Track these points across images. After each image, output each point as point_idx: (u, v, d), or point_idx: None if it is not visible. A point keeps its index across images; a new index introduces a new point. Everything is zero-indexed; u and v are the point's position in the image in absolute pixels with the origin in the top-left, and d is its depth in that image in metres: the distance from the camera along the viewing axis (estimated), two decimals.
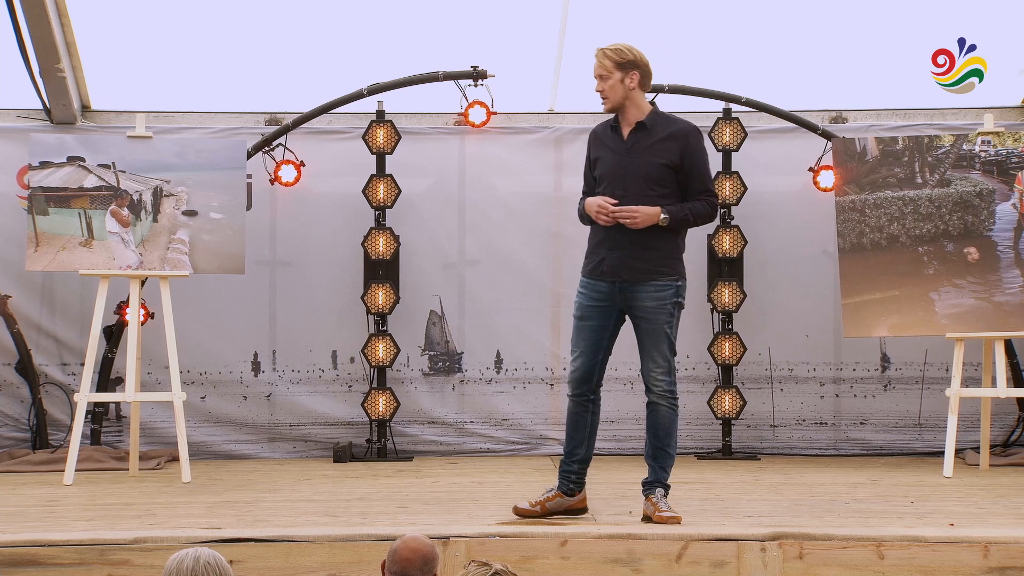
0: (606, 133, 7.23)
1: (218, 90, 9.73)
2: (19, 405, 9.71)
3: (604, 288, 7.11)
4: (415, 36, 9.63)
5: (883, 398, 10.00)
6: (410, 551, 4.74)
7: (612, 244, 7.06)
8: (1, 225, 9.61)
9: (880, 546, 6.56)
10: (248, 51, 9.61)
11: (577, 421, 7.25)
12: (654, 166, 7.06)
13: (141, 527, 6.94)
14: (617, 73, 7.08)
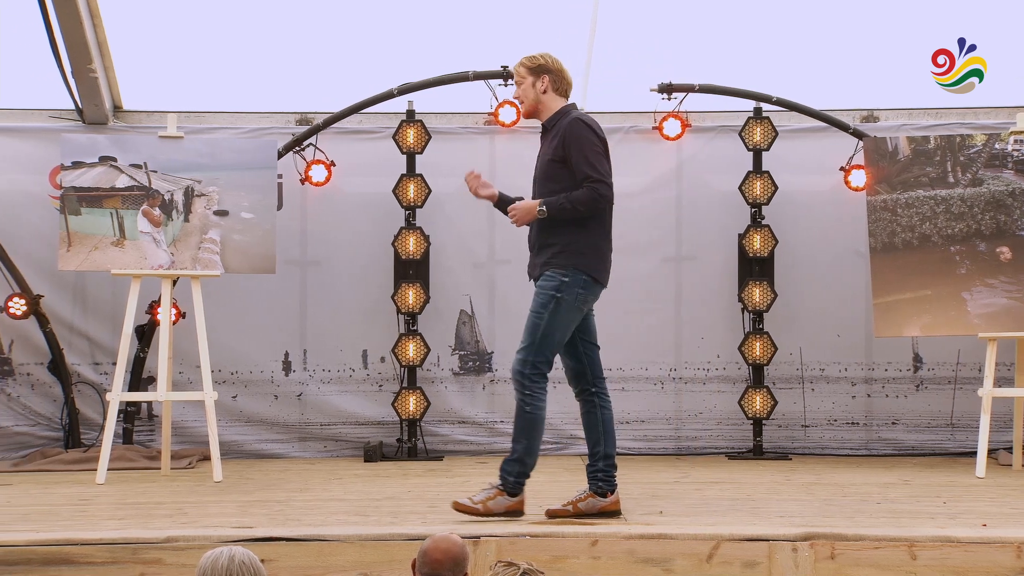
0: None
1: (249, 90, 9.76)
2: (52, 404, 9.75)
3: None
4: (445, 36, 9.64)
5: (915, 398, 9.96)
6: (441, 552, 4.74)
7: (529, 244, 7.30)
8: (34, 225, 9.65)
9: (912, 546, 6.53)
10: (279, 51, 9.64)
11: (585, 421, 7.37)
12: (547, 163, 7.24)
13: (173, 526, 6.96)
14: (529, 78, 7.29)
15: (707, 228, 9.99)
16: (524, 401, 7.23)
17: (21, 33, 9.39)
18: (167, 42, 9.62)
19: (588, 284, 7.17)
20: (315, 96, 9.79)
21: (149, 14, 9.55)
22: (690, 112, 9.81)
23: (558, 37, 9.68)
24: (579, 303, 7.19)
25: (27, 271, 9.54)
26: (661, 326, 10.00)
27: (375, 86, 9.62)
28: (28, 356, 9.73)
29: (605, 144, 7.21)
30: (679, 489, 8.32)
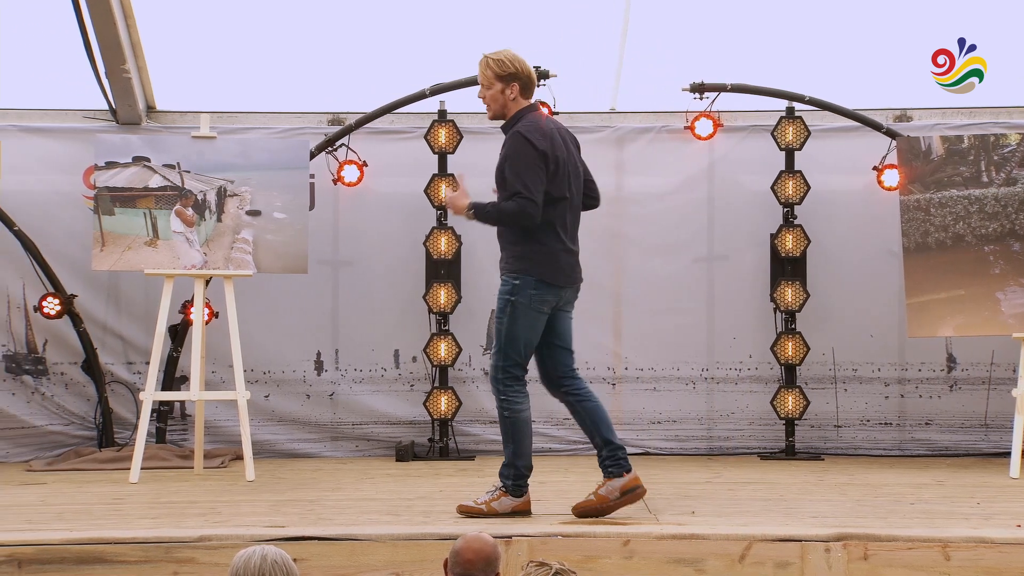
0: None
1: (281, 91, 9.79)
2: (85, 403, 9.80)
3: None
4: (478, 36, 9.61)
5: (949, 398, 9.92)
6: (473, 552, 4.74)
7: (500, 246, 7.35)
8: (67, 225, 9.70)
9: (946, 547, 6.51)
10: (311, 52, 9.66)
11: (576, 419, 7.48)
12: (498, 171, 7.27)
13: (206, 525, 6.99)
14: (498, 84, 7.26)
15: (739, 228, 9.97)
16: (502, 406, 7.34)
17: (55, 34, 9.44)
18: (200, 42, 9.65)
19: (540, 286, 7.22)
20: (347, 96, 9.81)
21: (182, 14, 9.59)
22: (722, 112, 9.79)
23: (590, 37, 9.70)
24: (535, 304, 7.24)
25: (61, 271, 9.59)
26: (693, 326, 9.98)
27: (407, 86, 9.63)
28: (62, 356, 9.78)
29: (546, 156, 7.15)
30: (711, 489, 8.30)
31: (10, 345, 9.71)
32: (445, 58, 9.64)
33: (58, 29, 9.39)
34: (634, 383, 9.98)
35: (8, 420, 9.69)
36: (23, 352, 9.73)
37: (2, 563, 6.43)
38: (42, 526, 7.05)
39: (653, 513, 7.33)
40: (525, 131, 7.16)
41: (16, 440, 9.69)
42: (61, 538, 6.63)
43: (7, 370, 9.72)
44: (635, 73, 9.90)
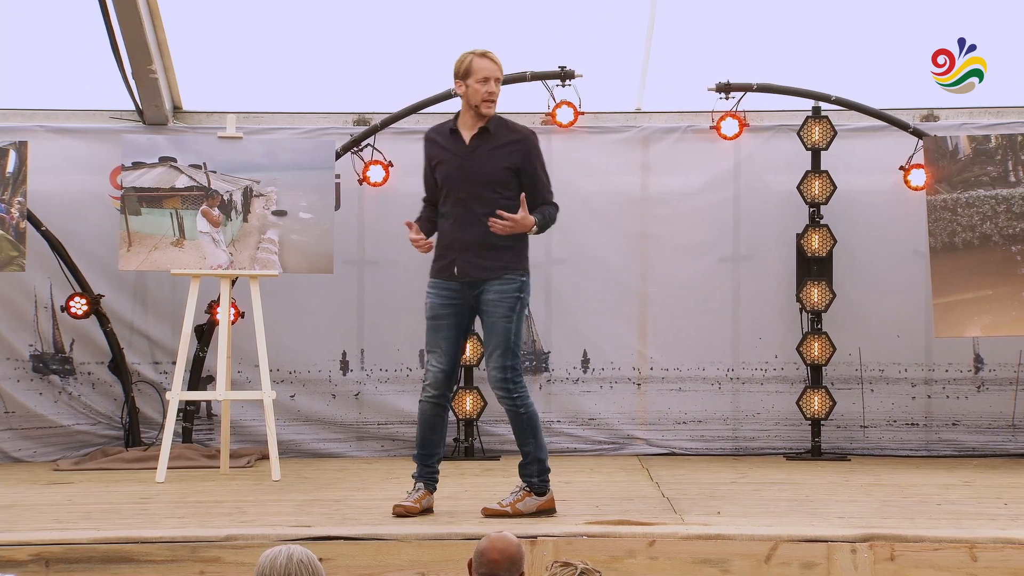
0: (444, 136, 7.40)
1: (307, 91, 9.80)
2: (112, 403, 9.83)
3: (455, 287, 7.29)
4: (503, 36, 9.61)
5: (976, 399, 9.88)
6: (497, 551, 4.74)
7: (460, 245, 7.27)
8: (94, 225, 9.73)
9: (973, 548, 6.49)
10: (337, 52, 9.68)
11: (436, 423, 7.40)
12: (498, 169, 7.24)
13: (232, 524, 7.01)
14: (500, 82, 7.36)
15: (765, 228, 9.95)
16: (517, 405, 7.33)
17: (82, 35, 9.47)
18: (226, 43, 9.67)
19: (529, 287, 7.40)
20: (373, 96, 9.82)
21: (208, 15, 9.61)
22: (748, 111, 9.77)
23: (616, 36, 9.69)
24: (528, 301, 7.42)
25: (88, 271, 9.62)
26: (718, 326, 9.96)
27: (433, 86, 9.63)
28: (89, 355, 9.81)
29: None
30: (737, 490, 8.29)
31: (37, 345, 9.75)
32: None
33: (85, 30, 9.42)
34: (659, 383, 9.97)
35: (35, 420, 9.73)
36: (50, 352, 9.77)
37: (30, 562, 6.46)
38: (69, 525, 7.08)
39: (679, 513, 7.32)
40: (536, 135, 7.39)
41: (43, 440, 9.73)
42: (88, 537, 6.66)
43: (34, 370, 9.76)
44: (661, 73, 9.89)
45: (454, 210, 7.30)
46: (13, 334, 9.71)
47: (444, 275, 7.33)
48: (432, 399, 7.37)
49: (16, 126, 9.67)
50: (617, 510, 7.34)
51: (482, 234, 7.22)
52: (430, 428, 7.39)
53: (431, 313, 7.37)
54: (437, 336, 7.34)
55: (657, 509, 7.49)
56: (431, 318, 7.37)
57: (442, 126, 7.49)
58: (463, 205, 7.27)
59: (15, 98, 9.76)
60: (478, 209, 7.23)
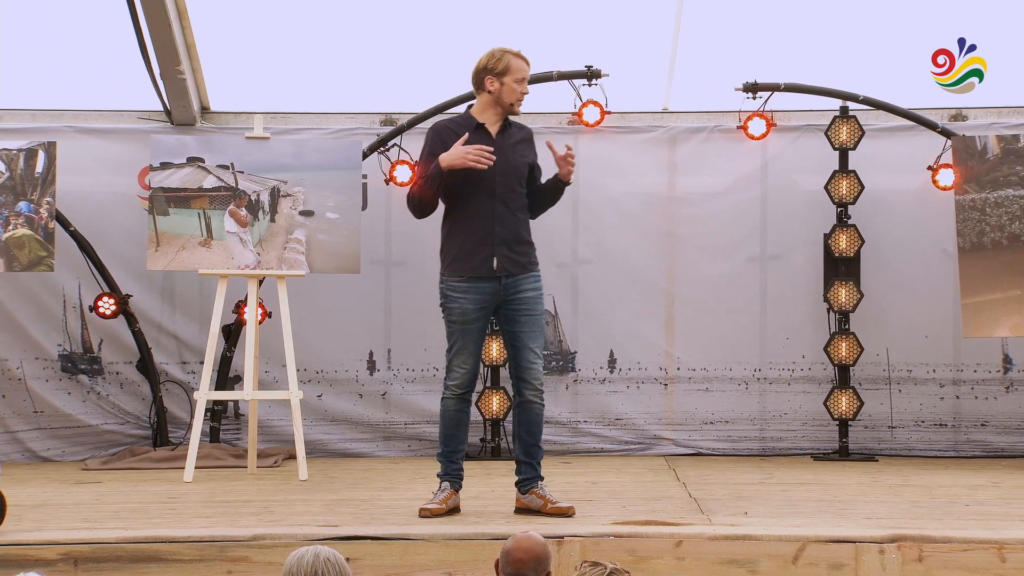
0: (468, 130, 7.31)
1: (334, 91, 9.82)
2: (140, 403, 9.87)
3: (488, 288, 7.24)
4: (530, 36, 9.59)
5: (1005, 400, 9.84)
6: (523, 551, 4.75)
7: (498, 240, 7.23)
8: (122, 225, 9.77)
9: (1001, 549, 6.46)
10: (363, 52, 9.69)
11: (460, 419, 7.38)
12: (523, 164, 7.34)
13: (260, 524, 7.02)
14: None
15: (792, 228, 9.93)
16: (543, 400, 7.44)
17: (111, 35, 9.50)
18: (254, 44, 9.69)
19: None
20: (399, 97, 9.83)
21: (236, 16, 9.64)
22: (775, 111, 9.75)
23: (642, 36, 9.68)
24: None
25: (116, 271, 9.66)
26: (745, 326, 9.94)
27: (459, 86, 9.61)
28: (117, 355, 9.85)
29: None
30: (764, 490, 8.27)
31: (66, 345, 9.79)
32: None
33: (113, 31, 9.45)
34: (686, 383, 9.96)
35: (64, 419, 9.77)
36: (79, 352, 9.81)
37: (59, 561, 6.49)
38: (98, 525, 7.11)
39: (706, 514, 7.31)
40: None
41: (72, 439, 9.77)
42: (117, 536, 6.69)
43: (63, 369, 9.80)
44: (687, 73, 9.87)
45: (487, 205, 7.24)
46: (42, 334, 9.75)
47: (481, 272, 7.23)
48: (457, 397, 7.35)
49: (45, 126, 9.71)
50: (644, 510, 7.33)
51: (516, 228, 7.26)
52: (454, 425, 7.38)
53: (463, 317, 7.26)
54: (467, 339, 7.29)
55: (684, 509, 7.48)
56: (463, 322, 7.27)
57: (457, 120, 7.45)
58: (500, 200, 7.24)
59: (44, 99, 9.81)
60: (512, 204, 7.27)
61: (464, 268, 7.27)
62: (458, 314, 7.29)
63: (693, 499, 7.85)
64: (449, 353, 7.37)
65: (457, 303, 7.29)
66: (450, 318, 7.33)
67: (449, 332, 7.35)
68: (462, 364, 7.31)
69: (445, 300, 7.34)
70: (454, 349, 7.35)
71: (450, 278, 7.32)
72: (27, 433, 9.73)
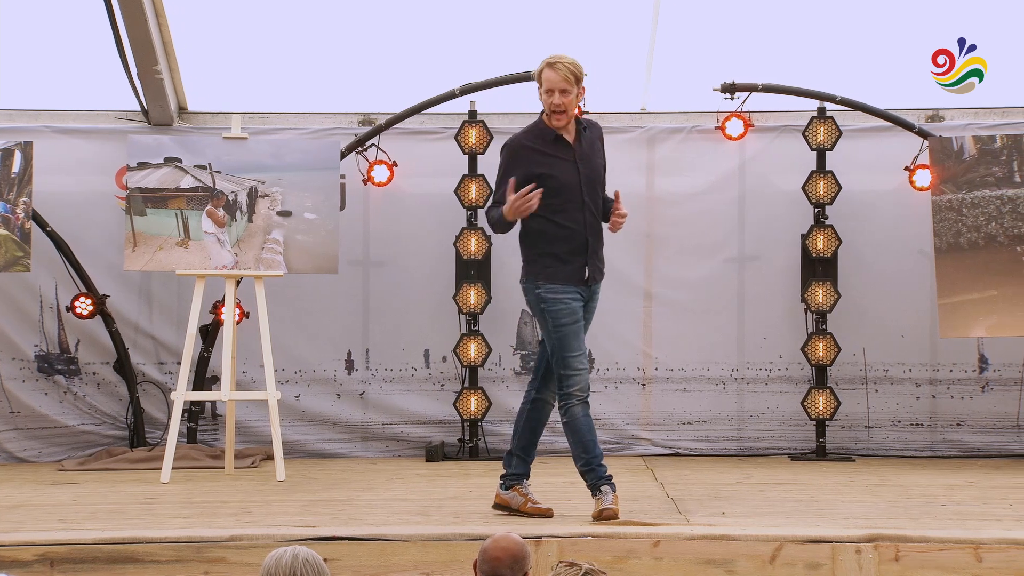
0: (546, 143, 7.21)
1: (312, 91, 9.81)
2: (117, 403, 9.84)
3: (583, 293, 7.23)
4: (507, 36, 9.64)
5: (981, 400, 9.87)
6: (500, 550, 4.74)
7: (591, 250, 7.22)
8: (100, 225, 9.74)
9: (978, 548, 6.48)
10: (341, 52, 9.68)
11: (591, 423, 7.27)
12: (601, 168, 7.33)
13: (237, 525, 7.01)
14: (575, 88, 7.22)
15: (770, 228, 9.94)
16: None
17: (88, 35, 9.48)
18: (231, 44, 9.68)
19: None
20: (377, 97, 9.82)
21: (214, 16, 9.62)
22: (753, 112, 9.77)
23: (620, 36, 9.69)
24: None
25: (93, 271, 9.63)
26: (723, 326, 9.96)
27: (437, 86, 9.64)
28: (94, 355, 9.82)
29: None
30: (742, 490, 8.29)
31: (43, 345, 9.76)
32: (475, 58, 9.65)
33: (90, 30, 9.43)
34: (664, 383, 9.97)
35: (40, 420, 9.74)
36: (55, 352, 9.78)
37: (35, 562, 6.47)
38: (74, 525, 7.09)
39: (683, 514, 7.32)
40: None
41: (48, 440, 9.74)
42: (93, 537, 6.67)
43: (40, 370, 9.77)
44: (665, 73, 9.88)
45: (578, 216, 7.15)
46: (18, 334, 9.72)
47: (575, 280, 7.16)
48: (583, 402, 7.17)
49: (22, 126, 9.68)
50: (622, 510, 7.32)
51: (600, 235, 7.28)
52: (589, 429, 7.21)
53: (573, 318, 7.14)
54: (579, 339, 7.17)
55: (662, 509, 7.49)
56: (573, 322, 7.14)
57: (535, 134, 7.26)
58: (588, 210, 7.19)
59: (21, 99, 9.78)
60: (597, 211, 7.25)
61: (558, 274, 7.17)
62: (568, 314, 7.14)
63: (671, 499, 7.86)
64: (562, 359, 7.12)
65: (566, 304, 7.15)
66: (559, 321, 7.12)
67: (559, 337, 7.11)
68: (580, 366, 7.14)
69: (548, 304, 7.14)
70: (571, 352, 7.11)
71: (549, 283, 7.16)
72: (3, 434, 9.70)
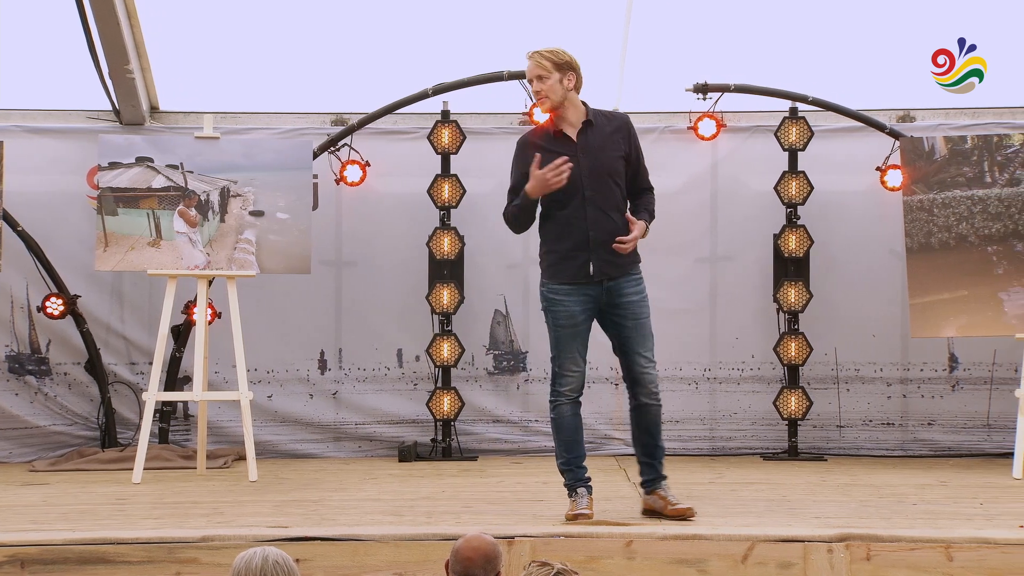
0: (547, 140, 7.22)
1: (284, 91, 9.79)
2: (88, 404, 9.81)
3: (591, 291, 7.16)
4: (480, 36, 9.64)
5: (951, 399, 9.91)
6: (472, 550, 4.75)
7: (594, 244, 7.12)
8: (71, 225, 9.70)
9: (949, 548, 6.51)
10: (314, 52, 9.67)
11: (578, 424, 7.31)
12: (613, 160, 7.19)
13: (209, 525, 6.99)
14: (556, 74, 7.16)
15: (742, 228, 9.96)
16: (659, 400, 7.36)
17: (59, 34, 9.45)
18: (203, 43, 9.66)
19: None
20: (350, 97, 9.81)
21: (186, 15, 9.59)
22: (725, 112, 9.79)
23: (592, 36, 9.69)
24: None
25: (65, 271, 9.60)
26: (695, 326, 9.97)
27: (410, 86, 9.64)
28: (65, 356, 9.78)
29: None
30: (714, 490, 8.30)
31: (13, 345, 9.72)
32: (448, 58, 9.64)
33: (62, 29, 9.40)
34: None
35: (11, 420, 9.70)
36: (26, 352, 9.75)
37: (5, 563, 6.44)
38: (45, 526, 7.06)
39: None
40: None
41: (19, 440, 9.70)
42: (64, 538, 6.64)
43: (10, 370, 9.73)
44: (638, 73, 9.89)
45: (581, 210, 7.11)
46: None
47: (579, 278, 7.13)
48: (572, 402, 7.23)
49: None
50: (595, 510, 7.33)
51: (611, 230, 7.11)
52: (574, 431, 7.26)
53: (570, 320, 7.14)
54: (575, 342, 7.16)
55: (635, 509, 7.50)
56: (570, 325, 7.15)
57: (537, 131, 7.30)
58: (592, 204, 7.11)
59: None
60: (605, 205, 7.13)
61: (563, 274, 7.18)
62: (565, 317, 7.16)
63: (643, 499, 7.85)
64: (557, 359, 7.20)
65: (563, 306, 7.17)
66: (556, 322, 7.17)
67: (556, 337, 7.19)
68: (574, 367, 7.19)
69: (548, 304, 7.19)
70: (564, 353, 7.18)
71: (551, 282, 7.20)
72: None
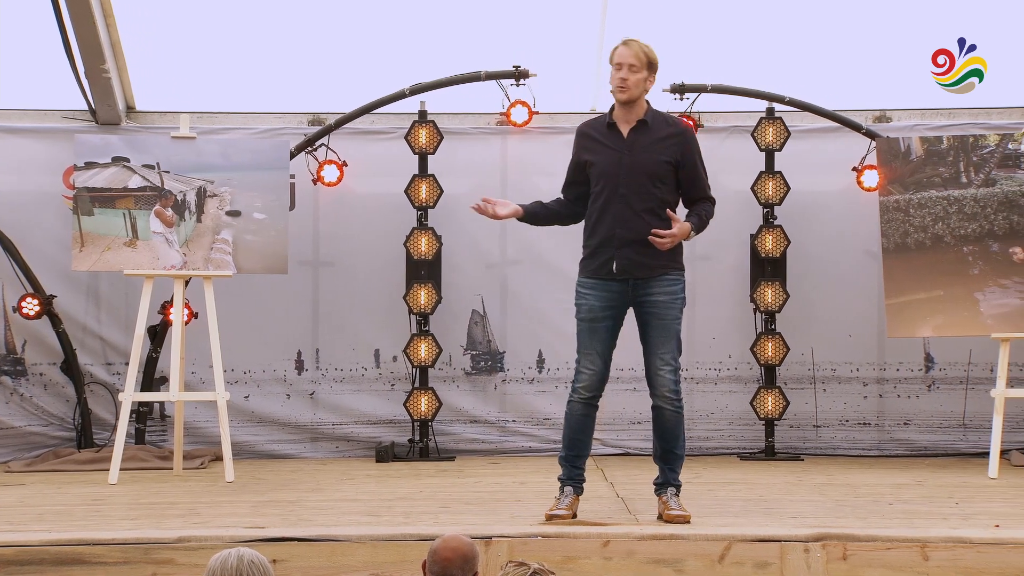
0: (600, 131, 7.20)
1: (261, 91, 9.77)
2: (64, 404, 9.77)
3: (616, 288, 7.10)
4: (457, 36, 9.64)
5: (927, 398, 9.94)
6: (450, 550, 4.74)
7: (619, 242, 7.06)
8: (47, 225, 9.67)
9: (925, 547, 6.53)
10: (291, 52, 9.65)
11: (587, 424, 7.24)
12: (657, 163, 7.09)
13: (185, 526, 6.98)
14: (645, 71, 7.12)
15: (719, 228, 9.87)
16: (679, 407, 7.28)
17: (34, 33, 9.42)
18: (180, 43, 9.64)
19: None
20: (327, 97, 9.80)
21: (162, 15, 9.57)
22: (702, 112, 9.79)
23: (569, 36, 9.70)
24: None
25: (41, 271, 9.57)
26: None
27: (387, 86, 9.63)
28: (41, 356, 9.75)
29: None
30: (691, 490, 8.28)
31: None
32: (425, 58, 9.64)
33: (37, 29, 9.37)
34: (614, 383, 9.84)
35: None
36: (2, 353, 9.71)
37: None
38: (21, 527, 7.04)
39: (633, 514, 7.34)
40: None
41: None
42: (40, 539, 6.62)
43: None
44: None
45: (611, 206, 7.06)
46: None
47: (602, 274, 7.08)
48: (585, 400, 7.18)
49: None
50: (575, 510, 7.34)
51: (641, 230, 7.02)
52: (580, 430, 7.21)
53: (590, 315, 7.10)
54: (593, 339, 7.11)
55: (612, 509, 7.51)
56: (589, 320, 7.10)
57: (596, 121, 7.25)
58: (623, 201, 7.05)
59: None
60: (637, 205, 7.04)
61: (589, 269, 7.15)
62: (585, 311, 7.12)
63: (620, 499, 7.87)
64: (578, 355, 7.18)
65: (584, 299, 7.13)
66: (578, 316, 7.14)
67: (577, 332, 7.16)
68: (589, 365, 7.13)
69: (576, 298, 7.17)
70: (581, 349, 7.14)
71: (580, 275, 7.17)
72: None
